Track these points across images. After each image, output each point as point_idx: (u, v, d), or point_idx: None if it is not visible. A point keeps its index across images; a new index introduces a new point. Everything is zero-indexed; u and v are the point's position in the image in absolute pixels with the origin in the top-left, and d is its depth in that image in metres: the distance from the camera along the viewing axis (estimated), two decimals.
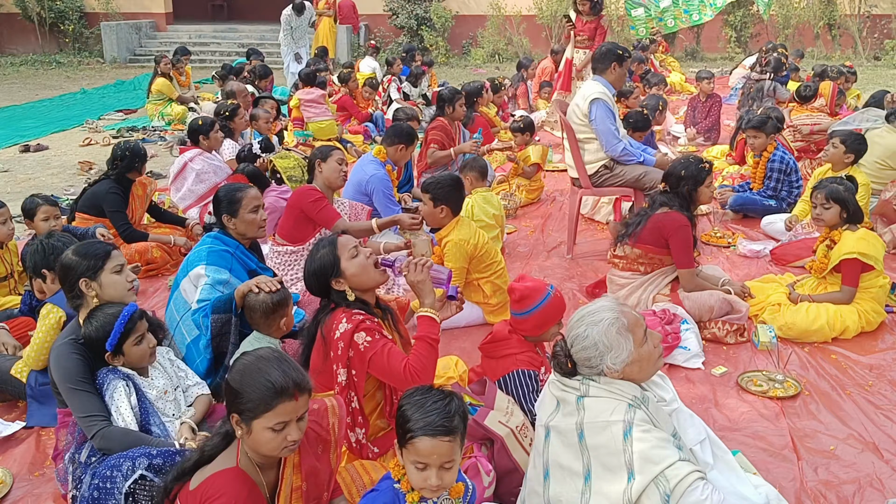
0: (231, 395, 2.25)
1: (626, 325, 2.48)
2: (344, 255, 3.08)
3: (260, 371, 2.26)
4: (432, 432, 2.25)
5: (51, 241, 3.86)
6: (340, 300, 3.14)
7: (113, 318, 3.03)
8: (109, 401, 3.03)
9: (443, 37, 19.40)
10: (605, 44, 5.88)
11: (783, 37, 17.91)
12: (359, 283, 3.12)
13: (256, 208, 4.16)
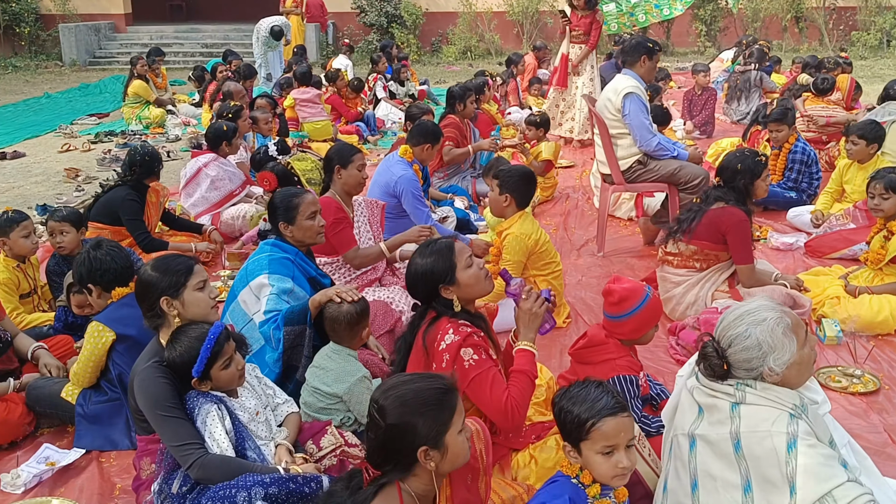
0: (401, 434, 2.08)
1: (790, 326, 2.36)
2: (460, 263, 2.91)
3: (416, 393, 2.11)
4: (611, 412, 2.31)
5: (97, 254, 3.61)
6: (444, 309, 2.97)
7: (197, 341, 2.81)
8: (202, 426, 2.81)
9: (414, 34, 19.19)
10: (635, 37, 5.82)
11: (752, 30, 18.11)
12: (469, 294, 2.97)
13: (314, 214, 3.96)
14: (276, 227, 3.99)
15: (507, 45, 19.82)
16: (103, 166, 9.22)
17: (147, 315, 2.99)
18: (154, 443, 2.94)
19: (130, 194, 5.55)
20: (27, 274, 4.60)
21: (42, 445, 3.55)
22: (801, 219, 6.24)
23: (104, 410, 3.57)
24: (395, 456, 2.11)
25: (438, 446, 2.10)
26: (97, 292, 3.60)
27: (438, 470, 2.12)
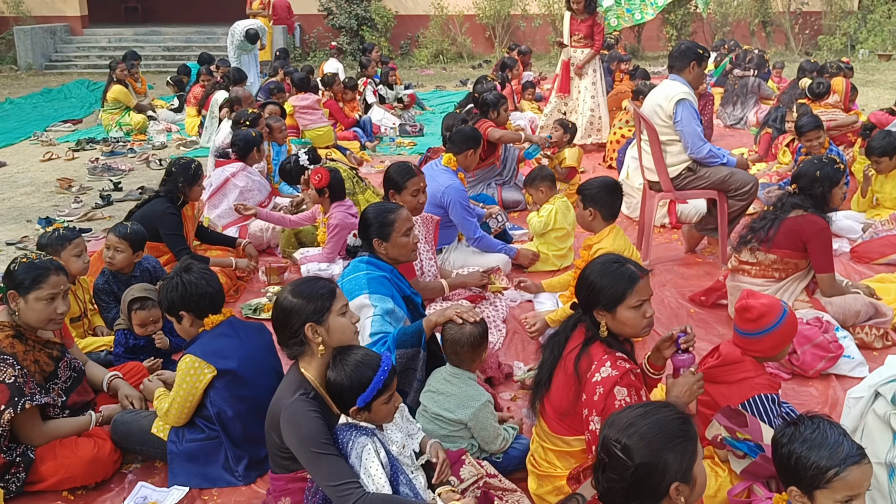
0: (652, 472, 1.93)
1: None
2: (630, 300, 2.76)
3: (659, 427, 1.97)
4: (856, 460, 2.15)
5: (190, 278, 3.34)
6: (592, 329, 2.82)
7: (366, 367, 2.61)
8: (356, 461, 2.61)
9: (385, 37, 18.96)
10: (684, 42, 5.72)
11: (721, 34, 18.37)
12: (619, 330, 2.83)
13: (409, 231, 3.77)
14: (368, 244, 3.78)
15: (479, 48, 19.77)
16: (95, 175, 8.82)
17: (288, 343, 2.76)
18: (296, 481, 2.72)
19: (170, 208, 5.24)
20: (77, 296, 4.29)
21: (137, 484, 3.28)
22: (839, 224, 6.24)
23: (200, 448, 3.31)
24: (643, 495, 1.96)
25: (688, 479, 1.97)
26: (189, 320, 3.33)
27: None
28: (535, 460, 3.05)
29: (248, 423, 3.35)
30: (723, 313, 4.96)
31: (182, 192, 5.22)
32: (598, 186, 4.44)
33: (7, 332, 3.17)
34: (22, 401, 3.07)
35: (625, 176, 7.01)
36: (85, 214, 7.33)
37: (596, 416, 2.71)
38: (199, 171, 5.35)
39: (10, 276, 3.24)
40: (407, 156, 9.81)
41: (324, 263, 5.46)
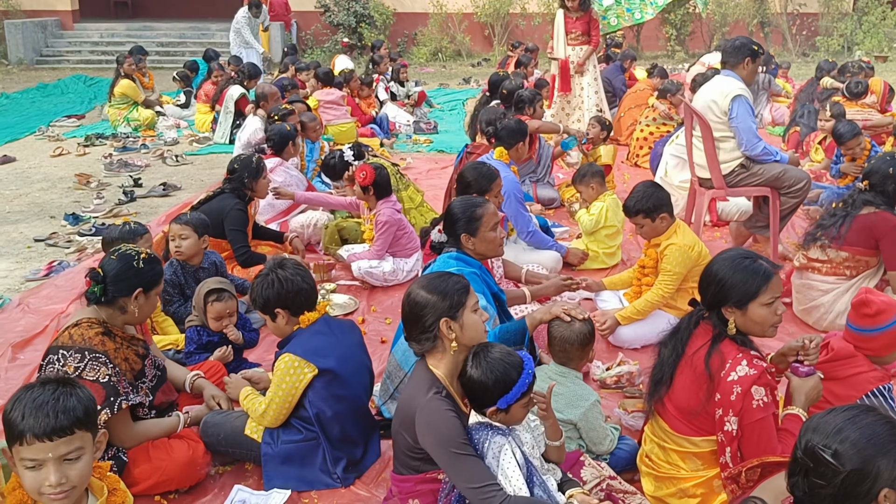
0: (863, 478, 1.84)
1: None
2: (763, 297, 2.68)
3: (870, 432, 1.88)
4: None
5: (286, 274, 3.23)
6: (720, 326, 2.75)
7: (511, 368, 2.52)
8: (492, 462, 2.52)
9: (384, 34, 18.81)
10: (739, 38, 5.66)
11: (720, 34, 18.45)
12: (748, 328, 2.74)
13: (496, 225, 3.68)
14: (455, 239, 3.69)
15: (476, 46, 19.69)
16: (112, 171, 8.63)
17: (419, 339, 2.66)
18: (426, 482, 2.62)
19: (238, 203, 5.12)
20: None
21: (234, 488, 3.16)
22: None
23: (297, 450, 3.20)
24: (851, 502, 1.88)
25: None
26: (285, 317, 3.22)
27: None
28: (651, 461, 2.97)
29: (346, 424, 3.25)
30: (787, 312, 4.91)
31: (249, 188, 5.11)
32: (651, 194, 4.31)
33: (96, 329, 3.03)
34: (118, 400, 2.94)
35: (663, 174, 6.95)
36: (110, 211, 7.16)
37: (733, 417, 2.64)
38: (261, 165, 5.27)
39: (140, 276, 3.11)
40: (425, 153, 9.72)
41: (374, 261, 5.35)
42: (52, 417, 1.97)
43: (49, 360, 2.96)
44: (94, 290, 3.05)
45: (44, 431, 1.96)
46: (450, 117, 12.13)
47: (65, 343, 2.99)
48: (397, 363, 3.63)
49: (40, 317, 4.91)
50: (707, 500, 2.81)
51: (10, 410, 2.02)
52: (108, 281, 3.06)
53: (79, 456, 2.03)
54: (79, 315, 3.11)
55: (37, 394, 2.01)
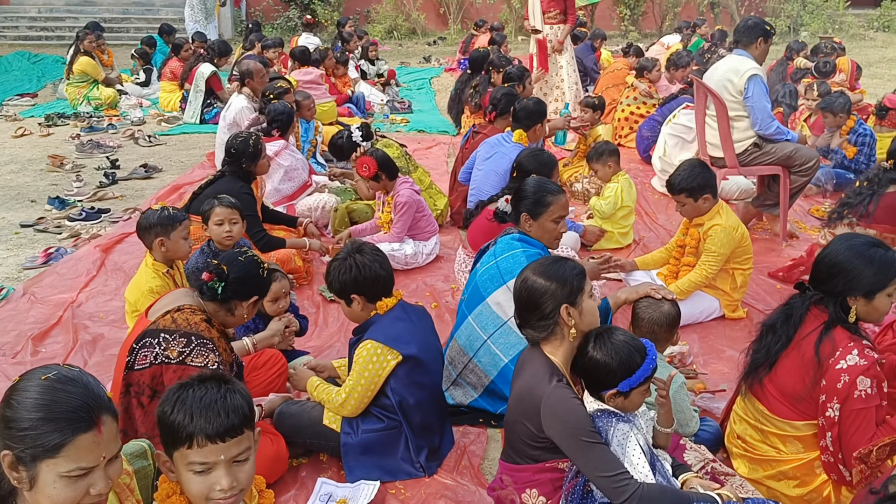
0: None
1: None
2: (893, 286, 2.68)
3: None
4: None
5: (364, 259, 3.12)
6: (837, 313, 2.73)
7: (635, 352, 2.48)
8: (617, 449, 2.47)
9: (338, 11, 18.44)
10: (752, 17, 5.69)
11: (672, 14, 18.68)
12: (869, 316, 2.75)
13: (560, 218, 3.61)
14: (515, 215, 3.62)
15: (431, 24, 19.49)
16: (84, 153, 8.26)
17: (536, 325, 2.58)
18: (545, 471, 2.56)
19: (244, 187, 4.91)
20: (175, 281, 3.96)
21: (318, 481, 3.05)
22: None
23: (378, 440, 3.11)
24: None
25: None
26: (361, 303, 3.11)
27: None
28: (745, 443, 2.97)
29: (427, 412, 3.18)
30: None
31: (248, 170, 4.92)
32: (697, 174, 4.30)
33: (200, 315, 2.91)
34: None
35: (662, 153, 7.00)
36: (94, 194, 6.84)
37: (836, 404, 2.64)
38: (259, 146, 5.02)
39: (261, 285, 3.09)
40: (405, 133, 9.56)
41: (395, 243, 5.24)
42: (223, 417, 1.85)
43: (145, 343, 2.81)
44: (213, 286, 2.95)
45: (216, 432, 1.83)
46: (419, 96, 11.98)
47: (167, 326, 2.84)
48: (460, 349, 3.56)
49: (50, 307, 4.67)
50: (807, 482, 2.82)
51: (170, 412, 1.88)
52: (231, 280, 2.97)
53: (247, 457, 1.91)
54: (177, 300, 2.96)
55: (200, 393, 1.88)
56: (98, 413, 1.77)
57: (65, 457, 1.72)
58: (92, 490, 1.76)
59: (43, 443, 1.71)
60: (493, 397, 3.52)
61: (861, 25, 19.65)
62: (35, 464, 1.72)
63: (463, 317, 3.59)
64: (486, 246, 3.74)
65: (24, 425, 1.73)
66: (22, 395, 1.77)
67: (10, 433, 1.74)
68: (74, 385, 1.79)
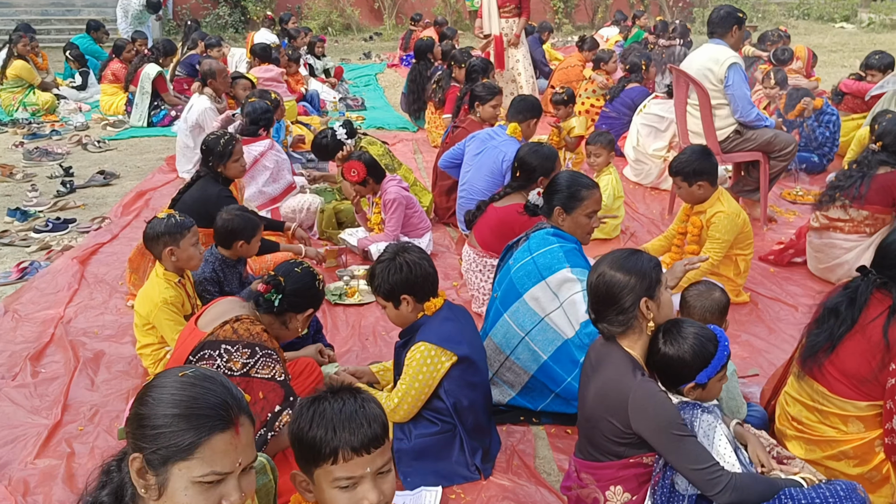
0: None
1: None
2: None
3: None
4: None
5: (412, 258, 3.04)
6: None
7: (707, 342, 2.49)
8: (703, 440, 2.47)
9: (270, 7, 18.06)
10: (725, 6, 5.79)
11: (604, 6, 18.95)
12: None
13: (593, 213, 3.59)
14: (549, 209, 3.58)
15: (365, 20, 19.30)
16: (32, 160, 7.85)
17: (613, 320, 2.54)
18: (629, 467, 2.53)
19: (223, 190, 4.74)
20: (188, 291, 3.79)
21: None
22: None
23: (433, 444, 3.04)
24: None
25: None
26: (411, 304, 3.03)
27: None
28: (802, 424, 3.00)
29: (479, 413, 3.12)
30: (800, 270, 5.12)
31: (217, 170, 4.73)
32: (696, 159, 4.38)
33: (260, 325, 2.82)
34: (295, 400, 2.74)
35: (635, 143, 7.07)
36: (54, 204, 6.51)
37: None
38: (230, 146, 4.76)
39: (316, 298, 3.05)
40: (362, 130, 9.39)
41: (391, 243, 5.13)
42: (367, 427, 1.76)
43: (203, 355, 2.69)
44: (270, 298, 2.87)
45: (361, 443, 1.75)
46: (368, 93, 11.82)
47: (228, 337, 2.72)
48: (496, 347, 3.51)
49: (37, 324, 4.40)
50: (866, 461, 2.86)
51: (310, 428, 1.77)
52: (287, 293, 2.90)
53: (390, 468, 1.83)
54: (230, 310, 2.84)
55: (338, 405, 1.78)
56: (237, 413, 1.66)
57: (199, 458, 1.59)
58: (224, 502, 1.63)
59: (177, 442, 1.59)
60: (531, 394, 3.48)
61: (783, 14, 20.34)
62: (166, 467, 1.59)
63: (498, 314, 3.53)
64: (516, 241, 3.69)
65: (159, 423, 1.60)
66: (158, 391, 1.65)
67: (143, 432, 1.61)
68: (213, 382, 1.67)
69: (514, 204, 4.35)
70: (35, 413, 3.54)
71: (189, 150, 7.24)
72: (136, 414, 1.65)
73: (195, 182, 4.81)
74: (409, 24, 15.20)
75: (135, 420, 1.65)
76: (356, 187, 5.14)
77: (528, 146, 4.50)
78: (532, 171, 4.41)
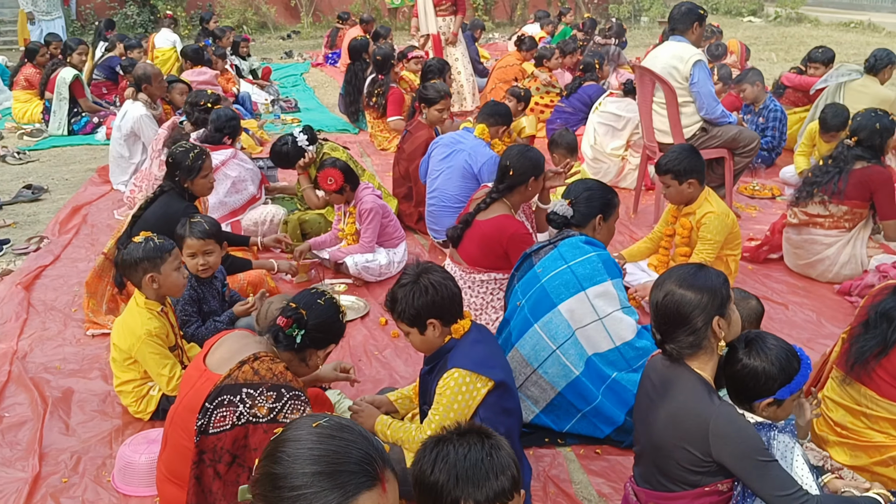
0: None
1: None
2: None
3: None
4: None
5: (437, 278, 2.82)
6: None
7: (792, 357, 2.37)
8: (782, 462, 2.35)
9: (181, 6, 17.34)
10: (685, 3, 5.75)
11: (522, 4, 18.99)
12: None
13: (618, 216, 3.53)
14: (584, 217, 3.46)
15: (281, 18, 18.78)
16: None
17: (682, 341, 2.39)
18: (704, 496, 2.38)
19: (190, 206, 4.39)
20: (171, 320, 3.46)
21: None
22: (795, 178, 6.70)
23: None
24: None
25: None
26: (438, 329, 2.82)
27: None
28: (847, 430, 2.93)
29: (514, 439, 2.93)
30: (777, 266, 5.14)
31: (184, 186, 4.38)
32: (685, 157, 4.30)
33: (281, 364, 2.56)
34: None
35: (592, 142, 7.00)
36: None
37: None
38: (199, 161, 4.41)
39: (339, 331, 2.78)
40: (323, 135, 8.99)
41: (368, 255, 4.90)
42: (493, 480, 1.62)
43: (222, 401, 2.41)
44: (291, 334, 2.59)
45: (486, 498, 1.58)
46: (298, 94, 11.42)
47: (249, 379, 2.44)
48: (523, 359, 3.33)
49: None
50: None
51: (430, 472, 1.63)
52: (310, 328, 2.62)
53: None
54: (244, 346, 2.57)
55: (463, 450, 1.61)
56: (382, 467, 1.46)
57: None
58: None
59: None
60: (556, 413, 3.33)
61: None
62: None
63: (526, 324, 3.33)
64: (535, 250, 3.51)
65: (297, 482, 1.39)
66: (293, 446, 1.43)
67: (279, 494, 1.39)
68: (352, 433, 1.47)
69: (500, 216, 4.17)
70: (8, 465, 3.15)
71: (124, 161, 6.80)
72: (269, 474, 1.42)
73: (157, 198, 4.44)
74: (336, 22, 14.82)
75: (267, 481, 1.42)
76: (332, 196, 4.88)
77: (518, 150, 4.33)
78: (522, 174, 4.25)
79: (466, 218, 4.32)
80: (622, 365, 3.24)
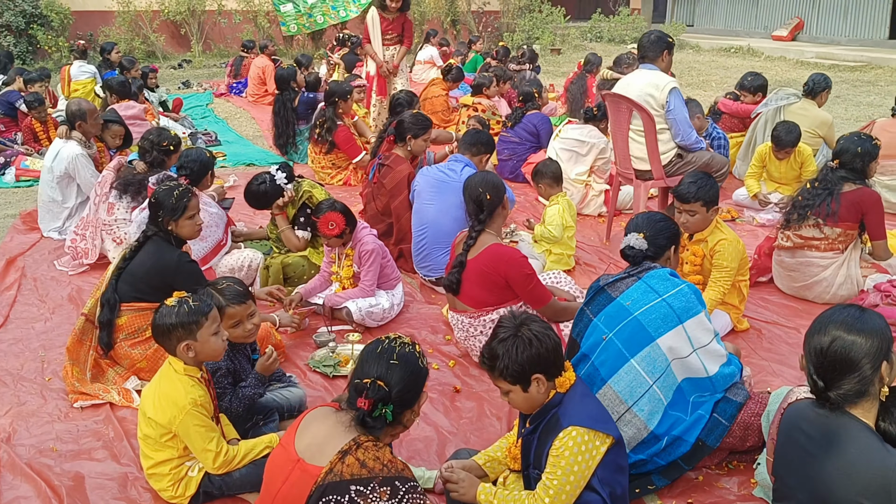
0: None
1: None
2: None
3: None
4: None
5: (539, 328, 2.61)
6: None
7: None
8: None
9: (63, 36, 16.28)
10: (654, 31, 5.80)
11: (420, 31, 18.97)
12: None
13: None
14: (659, 249, 3.38)
15: (169, 47, 17.98)
16: None
17: (852, 388, 2.27)
18: None
19: (183, 255, 3.98)
20: (210, 391, 3.08)
21: None
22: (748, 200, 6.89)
23: None
24: None
25: None
26: (543, 384, 2.60)
27: None
28: None
29: (625, 500, 2.73)
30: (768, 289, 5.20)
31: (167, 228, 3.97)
32: (711, 184, 4.28)
33: (386, 448, 2.33)
34: None
35: None
36: None
37: None
38: (184, 199, 3.98)
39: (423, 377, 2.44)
40: (230, 168, 8.56)
41: (371, 299, 4.60)
42: None
43: (328, 501, 2.11)
44: (380, 413, 2.26)
45: None
46: (211, 126, 10.86)
47: (356, 474, 2.13)
48: (617, 396, 3.10)
49: None
50: None
51: None
52: (395, 395, 2.30)
53: None
54: (336, 431, 2.28)
55: None
56: None
57: None
58: None
59: None
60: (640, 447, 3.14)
61: (578, 37, 21.51)
62: None
63: (621, 359, 3.11)
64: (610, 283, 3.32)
65: None
66: None
67: None
68: None
69: (490, 246, 4.07)
70: None
71: (56, 206, 6.20)
72: None
73: (142, 245, 3.99)
74: (240, 51, 14.30)
75: None
76: (331, 241, 4.55)
77: (478, 177, 4.21)
78: (497, 196, 4.15)
79: (459, 260, 4.12)
80: (709, 389, 3.16)
